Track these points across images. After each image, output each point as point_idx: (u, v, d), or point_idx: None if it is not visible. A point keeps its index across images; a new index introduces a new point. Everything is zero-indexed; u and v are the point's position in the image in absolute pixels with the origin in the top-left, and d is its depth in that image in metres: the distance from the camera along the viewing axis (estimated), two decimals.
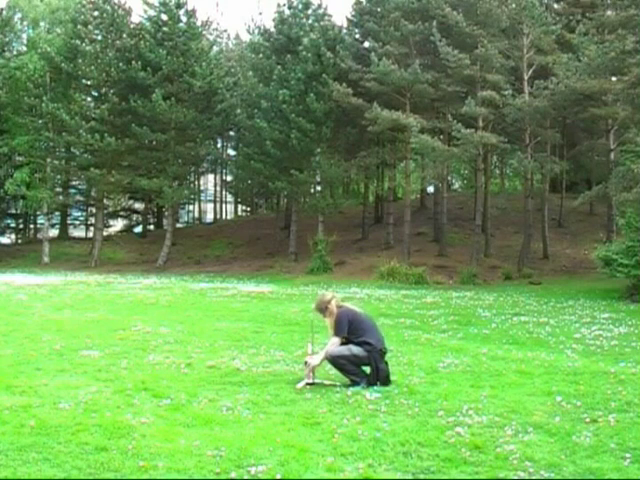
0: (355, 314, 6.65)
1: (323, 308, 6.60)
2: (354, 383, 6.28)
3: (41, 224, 41.22)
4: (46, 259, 34.06)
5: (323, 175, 30.82)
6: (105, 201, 39.03)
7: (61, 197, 37.79)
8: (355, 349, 6.39)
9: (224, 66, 37.75)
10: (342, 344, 6.46)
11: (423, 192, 39.11)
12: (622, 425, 4.97)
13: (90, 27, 32.74)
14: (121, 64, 32.51)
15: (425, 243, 31.18)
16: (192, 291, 19.25)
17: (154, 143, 33.93)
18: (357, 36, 33.61)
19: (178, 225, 44.98)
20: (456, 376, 6.80)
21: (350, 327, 6.46)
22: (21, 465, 4.03)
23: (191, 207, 53.68)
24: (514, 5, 26.37)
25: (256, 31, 34.26)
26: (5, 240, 44.31)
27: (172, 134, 32.95)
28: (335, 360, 6.37)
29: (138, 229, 47.08)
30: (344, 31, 32.88)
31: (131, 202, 48.15)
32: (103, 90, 33.87)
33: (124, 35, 33.83)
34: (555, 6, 32.44)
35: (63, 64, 32.34)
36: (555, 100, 24.89)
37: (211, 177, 53.00)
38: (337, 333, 6.46)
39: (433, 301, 16.55)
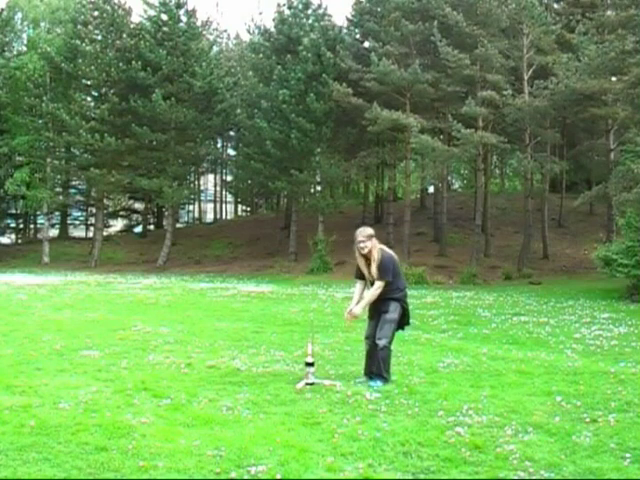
0: (395, 259, 6.58)
1: (369, 235, 6.39)
2: (380, 377, 6.24)
3: (41, 224, 41.23)
4: (46, 259, 34.07)
5: (323, 175, 30.82)
6: (105, 201, 39.00)
7: (61, 197, 37.77)
8: (392, 315, 6.37)
9: (224, 66, 37.75)
10: (374, 312, 6.43)
11: (423, 192, 39.11)
12: (622, 425, 4.97)
13: (90, 27, 32.73)
14: (121, 64, 32.49)
15: (425, 243, 31.19)
16: (192, 291, 19.25)
17: (154, 143, 33.90)
18: (357, 36, 33.59)
19: (178, 225, 44.96)
20: (456, 376, 6.79)
21: (393, 272, 6.42)
22: (21, 465, 4.03)
23: (191, 207, 53.68)
24: (514, 5, 26.36)
25: (256, 31, 34.23)
26: (5, 240, 44.26)
27: (172, 134, 32.96)
28: (385, 350, 6.31)
29: (138, 229, 47.08)
30: (344, 31, 32.86)
31: (131, 202, 48.13)
32: (103, 90, 33.88)
33: (124, 35, 33.80)
34: (555, 6, 32.47)
35: (63, 64, 32.33)
36: (555, 100, 24.89)
37: (211, 177, 53.00)
38: (384, 276, 6.33)
39: (433, 301, 16.55)
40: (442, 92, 27.41)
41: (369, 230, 6.52)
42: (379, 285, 6.36)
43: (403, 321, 6.62)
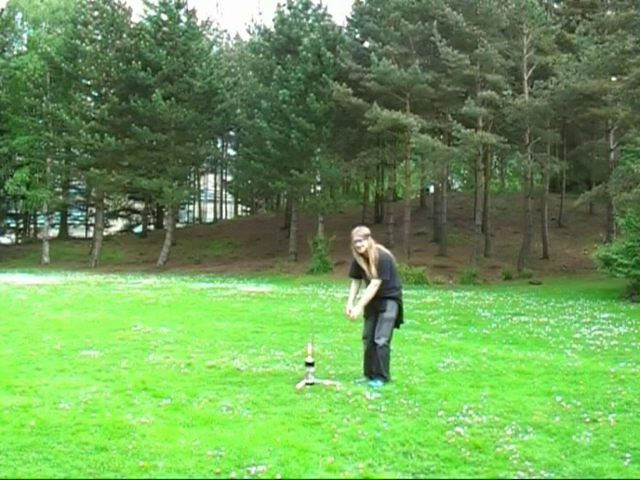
0: (392, 257, 6.63)
1: (365, 234, 6.42)
2: (380, 377, 6.27)
3: (41, 224, 41.25)
4: (46, 259, 34.07)
5: (323, 175, 30.82)
6: (105, 201, 39.02)
7: (61, 197, 37.80)
8: (390, 314, 6.42)
9: (224, 66, 37.77)
10: (371, 311, 6.46)
11: (423, 192, 39.12)
12: (622, 425, 4.97)
13: (90, 27, 32.74)
14: (121, 64, 32.50)
15: (425, 243, 31.20)
16: (192, 291, 19.25)
17: (154, 143, 33.90)
18: (357, 36, 33.61)
19: (178, 225, 44.98)
20: (456, 376, 6.79)
21: (390, 270, 6.47)
22: (21, 465, 4.03)
23: (191, 207, 53.70)
24: (514, 5, 26.37)
25: (256, 31, 34.26)
26: (5, 240, 44.29)
27: (172, 134, 32.96)
28: (384, 349, 6.34)
29: (138, 229, 47.09)
30: (344, 31, 32.88)
31: (131, 202, 48.16)
32: (103, 90, 33.89)
33: (124, 35, 33.81)
34: (555, 6, 32.48)
35: (63, 64, 32.34)
36: (555, 100, 24.89)
37: (211, 177, 53.03)
38: (381, 275, 6.39)
39: (433, 301, 16.52)
40: (442, 92, 27.41)
41: (365, 229, 6.57)
42: (376, 283, 6.40)
43: (398, 320, 6.66)
